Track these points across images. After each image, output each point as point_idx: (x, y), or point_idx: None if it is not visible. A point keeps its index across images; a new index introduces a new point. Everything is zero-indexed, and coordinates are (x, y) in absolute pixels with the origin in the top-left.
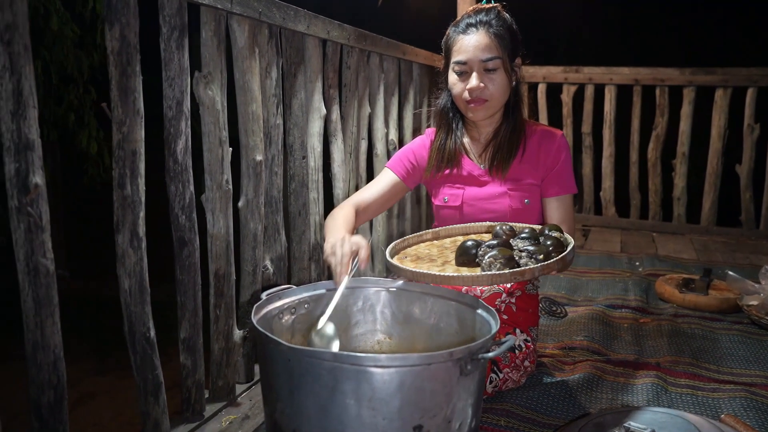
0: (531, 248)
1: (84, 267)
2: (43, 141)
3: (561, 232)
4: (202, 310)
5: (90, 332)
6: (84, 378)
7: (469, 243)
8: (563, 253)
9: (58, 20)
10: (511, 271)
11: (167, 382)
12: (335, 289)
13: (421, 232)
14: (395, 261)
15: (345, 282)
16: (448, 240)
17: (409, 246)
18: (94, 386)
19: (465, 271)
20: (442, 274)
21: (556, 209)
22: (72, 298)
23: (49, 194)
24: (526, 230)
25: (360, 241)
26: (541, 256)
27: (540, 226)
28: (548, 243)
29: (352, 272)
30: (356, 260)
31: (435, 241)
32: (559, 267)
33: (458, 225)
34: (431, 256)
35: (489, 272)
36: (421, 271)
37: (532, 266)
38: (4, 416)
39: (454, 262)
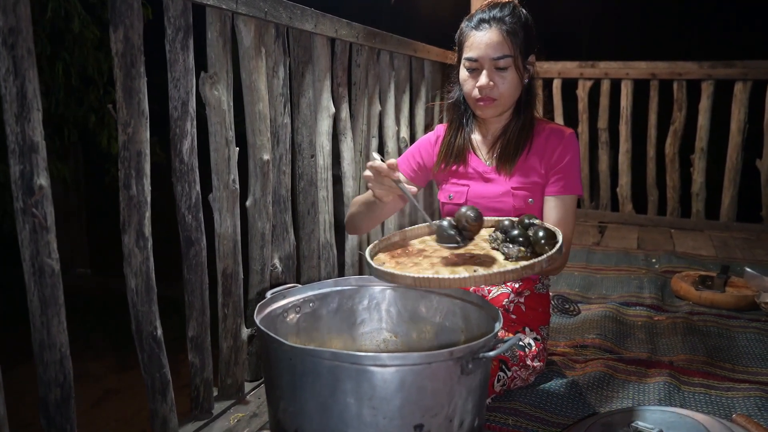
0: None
1: (107, 264)
2: (64, 141)
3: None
4: (212, 309)
5: (114, 329)
6: (108, 374)
7: (445, 223)
8: (555, 248)
9: (80, 23)
10: (498, 270)
11: (183, 380)
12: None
13: (388, 235)
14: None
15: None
16: (416, 241)
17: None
18: (118, 382)
19: (446, 273)
20: (449, 277)
21: (554, 208)
22: (95, 295)
23: (71, 193)
24: (506, 222)
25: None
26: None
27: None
28: (540, 235)
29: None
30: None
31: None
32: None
33: (423, 225)
34: (413, 257)
35: (479, 273)
36: (427, 276)
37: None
38: (32, 411)
39: (439, 262)
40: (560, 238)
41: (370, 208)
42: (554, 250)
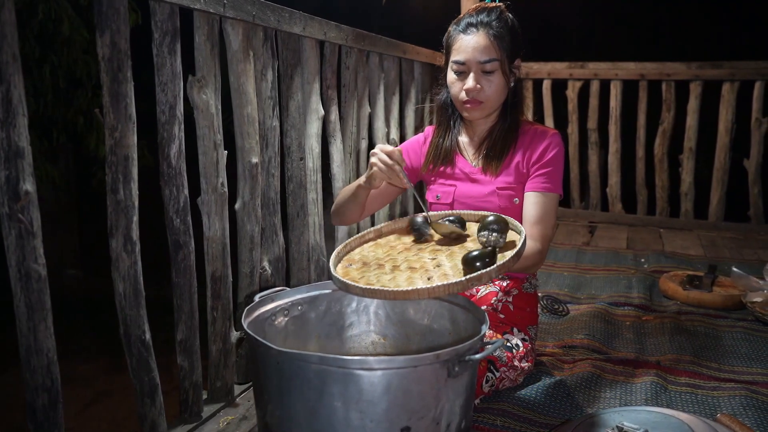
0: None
1: (98, 265)
2: (54, 143)
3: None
4: (200, 312)
5: (106, 330)
6: (100, 376)
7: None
8: (516, 249)
9: (70, 26)
10: (468, 277)
11: (174, 381)
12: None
13: (363, 233)
14: (339, 273)
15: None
16: (392, 237)
17: (352, 250)
18: (110, 384)
19: (420, 283)
20: (394, 289)
21: (532, 204)
22: (87, 297)
23: (62, 195)
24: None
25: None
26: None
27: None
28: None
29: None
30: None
31: (380, 240)
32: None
33: (401, 219)
34: (379, 260)
35: (442, 283)
36: (373, 287)
37: (489, 269)
38: (22, 414)
39: (402, 266)
40: (520, 243)
41: (357, 195)
42: (493, 266)
